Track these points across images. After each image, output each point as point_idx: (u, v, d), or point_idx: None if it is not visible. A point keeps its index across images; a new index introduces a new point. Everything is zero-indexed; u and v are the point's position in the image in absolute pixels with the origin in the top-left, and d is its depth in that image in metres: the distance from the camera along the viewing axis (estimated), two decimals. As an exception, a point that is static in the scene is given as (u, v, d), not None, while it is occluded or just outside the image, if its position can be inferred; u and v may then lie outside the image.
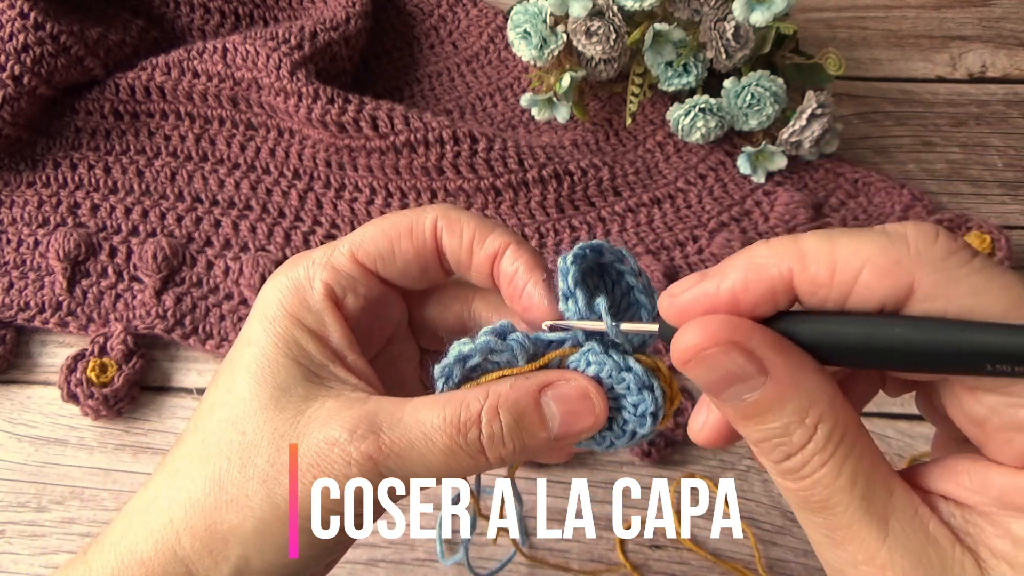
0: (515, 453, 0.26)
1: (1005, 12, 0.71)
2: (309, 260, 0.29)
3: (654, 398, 0.26)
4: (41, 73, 0.59)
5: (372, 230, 0.29)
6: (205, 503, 0.26)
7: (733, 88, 0.58)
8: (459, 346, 0.26)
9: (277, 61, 0.59)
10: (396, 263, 0.29)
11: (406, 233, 0.28)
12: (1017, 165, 0.62)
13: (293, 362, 0.27)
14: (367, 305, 0.29)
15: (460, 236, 0.28)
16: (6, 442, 0.52)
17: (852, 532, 0.21)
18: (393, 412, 0.26)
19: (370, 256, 0.29)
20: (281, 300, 0.28)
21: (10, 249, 0.58)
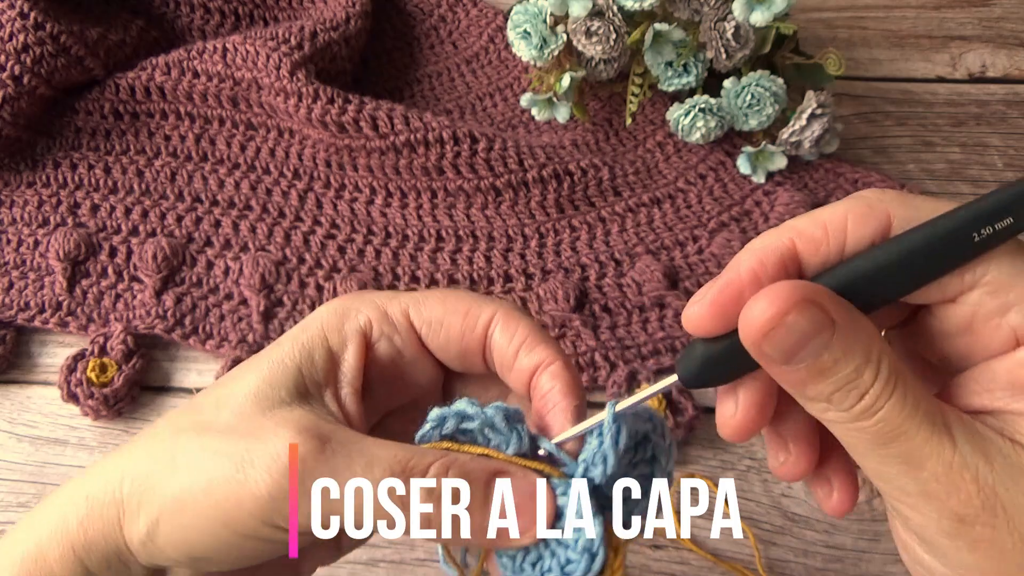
0: (441, 519, 0.25)
1: (1005, 12, 0.71)
2: (367, 296, 0.30)
3: (587, 569, 0.25)
4: (41, 73, 0.59)
5: (433, 297, 0.29)
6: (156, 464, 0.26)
7: (733, 88, 0.58)
8: (465, 403, 0.26)
9: (277, 61, 0.59)
10: (440, 336, 0.29)
11: (462, 312, 0.29)
12: (1017, 165, 0.62)
13: (296, 369, 0.27)
14: (397, 358, 0.29)
15: (511, 337, 0.28)
16: (6, 442, 0.52)
17: (928, 449, 0.23)
18: (349, 437, 0.25)
19: (420, 319, 0.29)
20: (323, 317, 0.29)
21: (10, 249, 0.58)
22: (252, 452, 0.25)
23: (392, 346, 0.29)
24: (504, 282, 0.57)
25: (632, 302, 0.55)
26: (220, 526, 0.25)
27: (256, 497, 0.24)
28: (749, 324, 0.23)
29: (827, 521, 0.48)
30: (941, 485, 0.23)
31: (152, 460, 0.27)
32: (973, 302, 0.24)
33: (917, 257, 0.24)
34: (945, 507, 0.23)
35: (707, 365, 0.25)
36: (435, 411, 0.26)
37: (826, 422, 0.25)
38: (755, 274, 0.24)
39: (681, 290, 0.55)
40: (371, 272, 0.57)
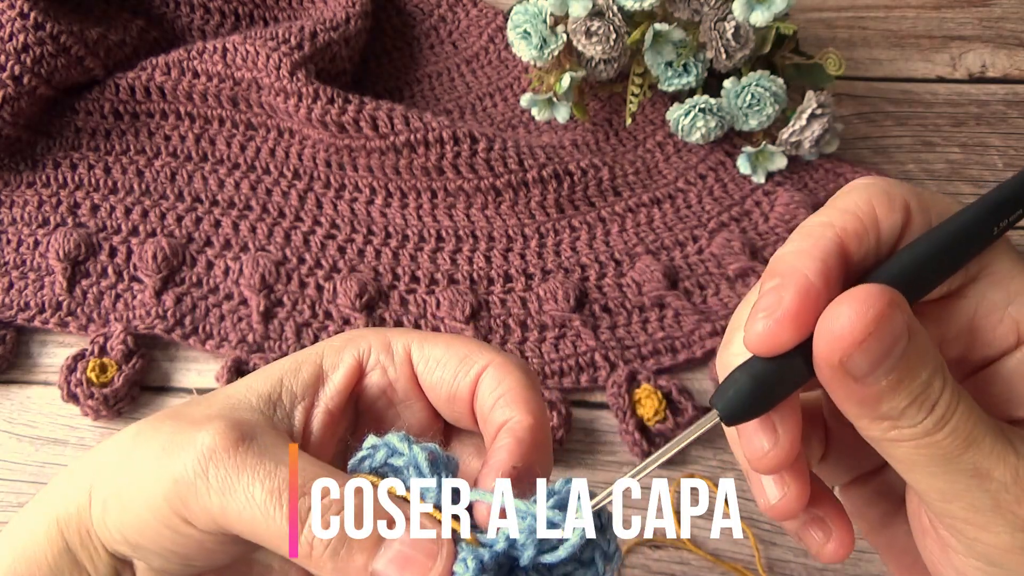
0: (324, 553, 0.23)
1: (1005, 12, 0.71)
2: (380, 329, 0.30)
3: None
4: (41, 73, 0.59)
5: (439, 338, 0.28)
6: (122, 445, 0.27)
7: (733, 88, 0.58)
8: (397, 437, 0.25)
9: (277, 61, 0.59)
10: (434, 375, 0.28)
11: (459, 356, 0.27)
12: (1017, 165, 0.62)
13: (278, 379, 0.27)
14: (389, 391, 0.28)
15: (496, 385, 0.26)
16: (6, 442, 0.52)
17: (995, 457, 0.22)
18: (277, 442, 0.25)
19: (420, 355, 0.28)
20: (330, 339, 0.29)
21: (10, 249, 0.58)
22: (179, 437, 0.24)
23: (384, 377, 0.28)
24: (504, 282, 0.57)
25: (632, 302, 0.55)
26: (144, 509, 0.25)
27: (168, 479, 0.24)
28: (838, 335, 0.21)
29: (827, 521, 0.48)
30: (1011, 494, 0.22)
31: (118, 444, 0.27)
32: (978, 294, 0.24)
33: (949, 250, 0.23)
34: (1018, 517, 0.22)
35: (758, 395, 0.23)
36: (369, 439, 0.25)
37: (888, 444, 0.23)
38: (827, 278, 0.22)
39: (681, 290, 0.55)
40: (371, 272, 0.57)
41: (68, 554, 0.26)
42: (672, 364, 0.52)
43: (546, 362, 0.52)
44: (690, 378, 0.53)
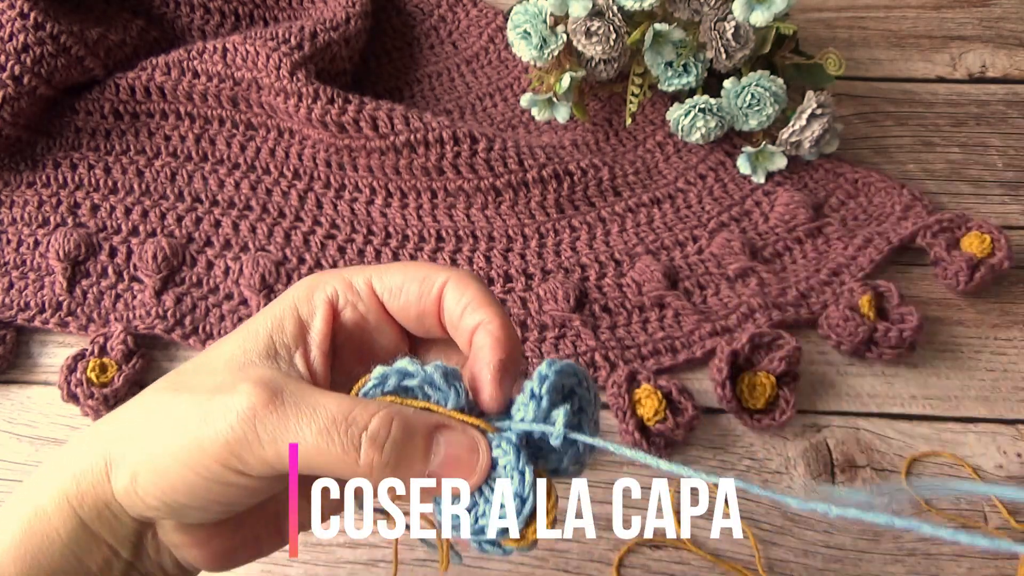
0: (385, 467, 0.26)
1: (1005, 12, 0.71)
2: (335, 271, 0.32)
3: (519, 511, 0.27)
4: (41, 73, 0.59)
5: (394, 267, 0.31)
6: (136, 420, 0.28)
7: (733, 88, 0.58)
8: (407, 362, 0.27)
9: (277, 61, 0.59)
10: (400, 301, 0.31)
11: (419, 279, 0.30)
12: (1017, 165, 0.62)
13: (268, 336, 0.29)
14: (362, 323, 0.31)
15: (459, 299, 0.30)
16: (6, 442, 0.52)
17: None
18: (302, 389, 0.27)
19: (382, 286, 0.31)
20: (294, 291, 0.31)
21: (10, 249, 0.58)
22: (214, 403, 0.26)
23: (356, 312, 0.31)
24: (504, 282, 0.57)
25: (632, 302, 0.55)
26: (189, 471, 0.26)
27: (216, 443, 0.26)
28: None
29: (827, 521, 0.48)
30: None
31: (132, 418, 0.29)
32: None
33: None
34: None
35: None
36: (378, 369, 0.27)
37: None
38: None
39: (681, 290, 0.55)
40: (371, 272, 0.57)
41: (83, 528, 0.28)
42: (672, 364, 0.52)
43: (546, 362, 0.52)
44: (690, 378, 0.53)
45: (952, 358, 0.53)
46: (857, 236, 0.57)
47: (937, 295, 0.56)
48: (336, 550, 0.47)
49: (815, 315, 0.54)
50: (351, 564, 0.47)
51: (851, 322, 0.51)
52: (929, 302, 0.55)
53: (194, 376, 0.29)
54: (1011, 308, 0.55)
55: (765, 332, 0.51)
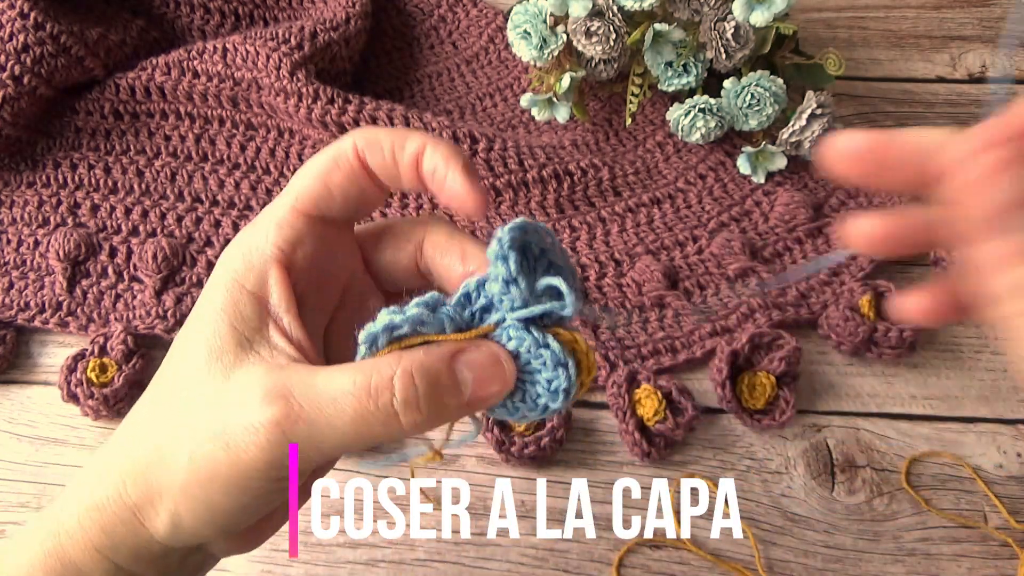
0: (429, 419, 0.26)
1: (1005, 12, 0.71)
2: (255, 225, 0.29)
3: (567, 375, 0.27)
4: (41, 73, 0.59)
5: (303, 175, 0.29)
6: (144, 461, 0.27)
7: (733, 88, 0.58)
8: (388, 314, 0.26)
9: (277, 61, 0.59)
10: (334, 198, 0.29)
11: (333, 167, 0.29)
12: (1017, 165, 0.62)
13: (230, 327, 0.28)
14: (318, 254, 0.29)
15: (381, 151, 0.28)
16: (6, 442, 0.52)
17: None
18: (306, 378, 0.26)
19: (310, 201, 0.29)
20: (228, 266, 0.29)
21: (10, 249, 0.58)
22: (231, 429, 0.26)
23: (306, 247, 0.29)
24: (504, 282, 0.56)
25: (632, 302, 0.55)
26: (234, 498, 0.26)
27: (255, 467, 0.26)
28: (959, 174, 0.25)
29: (827, 521, 0.48)
30: None
31: (141, 457, 0.28)
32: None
33: None
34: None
35: None
36: (363, 334, 0.27)
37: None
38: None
39: (681, 290, 0.55)
40: (371, 272, 0.57)
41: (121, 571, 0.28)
42: (672, 364, 0.52)
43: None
44: (690, 378, 0.53)
45: (952, 358, 0.53)
46: (857, 236, 0.57)
47: (937, 295, 0.56)
48: (336, 550, 0.47)
49: (815, 315, 0.54)
50: (351, 564, 0.47)
51: (851, 322, 0.52)
52: (929, 302, 0.55)
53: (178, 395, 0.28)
54: (1011, 308, 0.55)
55: (765, 332, 0.51)
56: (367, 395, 0.25)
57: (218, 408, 0.26)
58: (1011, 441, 0.50)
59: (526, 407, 0.28)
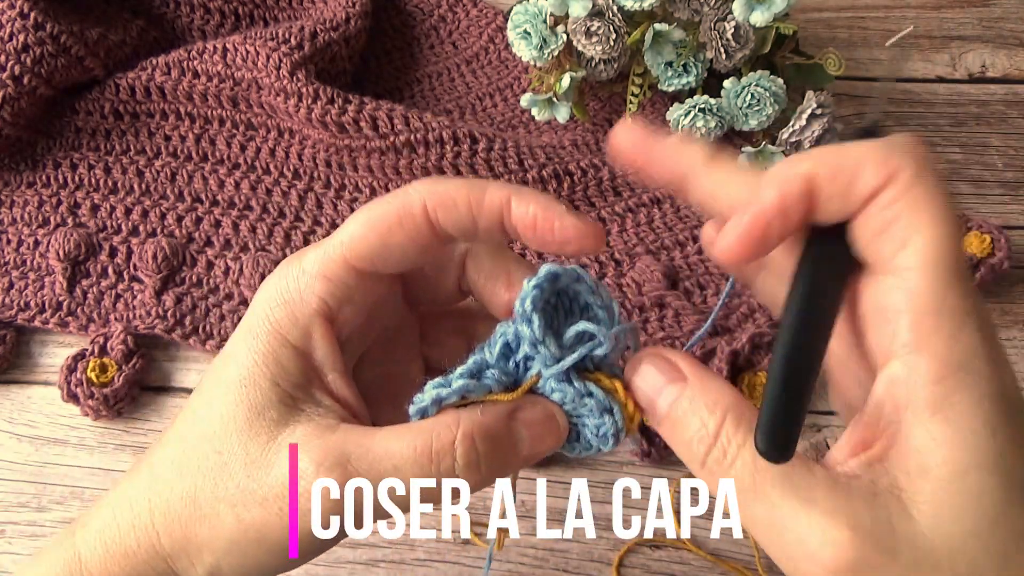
0: (488, 477, 0.26)
1: (1005, 12, 0.71)
2: (300, 270, 0.28)
3: (613, 421, 0.27)
4: (41, 73, 0.59)
5: (361, 228, 0.27)
6: (182, 514, 0.26)
7: (733, 88, 0.58)
8: (435, 388, 0.26)
9: (277, 61, 0.59)
10: (393, 257, 0.27)
11: (396, 224, 0.27)
12: (1017, 165, 0.62)
13: (271, 383, 0.26)
14: (364, 307, 0.29)
15: (456, 208, 0.27)
16: (6, 442, 0.52)
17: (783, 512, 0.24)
18: (361, 442, 0.25)
19: (364, 258, 0.27)
20: (268, 314, 0.27)
21: (10, 249, 0.58)
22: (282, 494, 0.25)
23: (355, 305, 0.28)
24: (504, 282, 0.56)
25: (632, 302, 0.55)
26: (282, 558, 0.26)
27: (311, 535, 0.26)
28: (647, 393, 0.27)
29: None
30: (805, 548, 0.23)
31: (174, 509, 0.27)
32: (885, 287, 0.24)
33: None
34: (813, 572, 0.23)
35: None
36: (412, 408, 0.27)
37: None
38: (782, 209, 0.24)
39: (681, 290, 0.55)
40: (371, 272, 0.57)
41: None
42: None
43: (546, 362, 0.52)
44: (690, 378, 0.52)
45: (952, 358, 0.53)
46: (857, 236, 0.57)
47: (937, 295, 0.56)
48: (336, 550, 0.47)
49: (815, 315, 0.53)
50: (351, 564, 0.47)
51: (851, 322, 0.51)
52: (929, 302, 0.55)
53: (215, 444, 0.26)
54: (1011, 308, 0.55)
55: (765, 332, 0.51)
56: (428, 460, 0.25)
57: (265, 471, 0.26)
58: (1011, 441, 0.50)
59: (581, 446, 0.28)
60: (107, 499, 0.28)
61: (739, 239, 0.25)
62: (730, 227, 0.25)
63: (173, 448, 0.28)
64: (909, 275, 0.23)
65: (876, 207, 0.24)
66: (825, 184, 0.24)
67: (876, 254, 0.24)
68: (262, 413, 0.26)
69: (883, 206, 0.23)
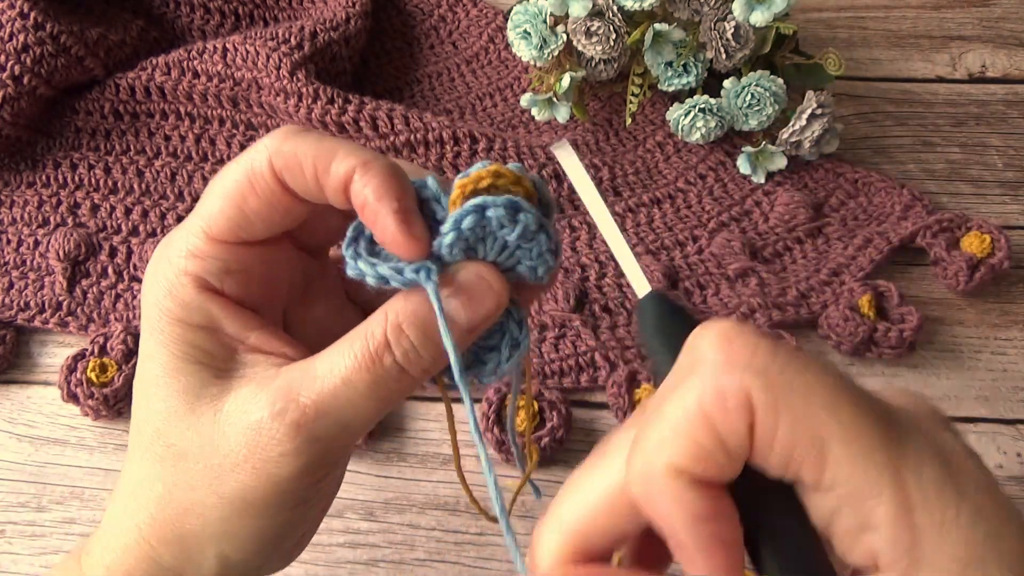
0: (435, 360, 0.25)
1: (1005, 12, 0.71)
2: (168, 258, 0.27)
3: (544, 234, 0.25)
4: (41, 73, 0.59)
5: (217, 201, 0.26)
6: (166, 516, 0.26)
7: (733, 88, 0.58)
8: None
9: (277, 61, 0.59)
10: (254, 225, 0.26)
11: (248, 191, 0.25)
12: (1017, 165, 0.62)
13: (196, 365, 0.26)
14: (249, 275, 0.27)
15: (302, 172, 0.25)
16: (6, 442, 0.52)
17: None
18: (304, 372, 0.25)
19: (226, 231, 0.26)
20: (160, 306, 0.26)
21: (10, 249, 0.58)
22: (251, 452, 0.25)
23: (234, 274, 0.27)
24: (504, 282, 0.56)
25: (632, 302, 0.55)
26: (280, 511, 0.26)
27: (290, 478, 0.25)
28: None
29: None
30: None
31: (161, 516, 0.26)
32: (832, 507, 0.19)
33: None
34: None
35: None
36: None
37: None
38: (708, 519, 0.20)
39: (681, 290, 0.55)
40: (371, 272, 0.57)
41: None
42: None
43: (546, 362, 0.52)
44: (690, 378, 0.52)
45: (952, 358, 0.53)
46: (857, 236, 0.57)
47: (937, 295, 0.56)
48: (336, 550, 0.47)
49: (815, 315, 0.53)
50: (351, 564, 0.47)
51: (851, 322, 0.51)
52: (929, 302, 0.55)
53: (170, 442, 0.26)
54: (1011, 308, 0.55)
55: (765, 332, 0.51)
56: (372, 363, 0.24)
57: (224, 439, 0.25)
58: (1011, 441, 0.50)
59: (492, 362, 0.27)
60: (102, 524, 0.28)
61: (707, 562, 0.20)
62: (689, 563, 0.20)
63: (135, 459, 0.27)
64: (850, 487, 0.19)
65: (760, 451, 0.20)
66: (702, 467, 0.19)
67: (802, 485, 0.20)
68: (199, 395, 0.26)
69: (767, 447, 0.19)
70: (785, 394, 0.19)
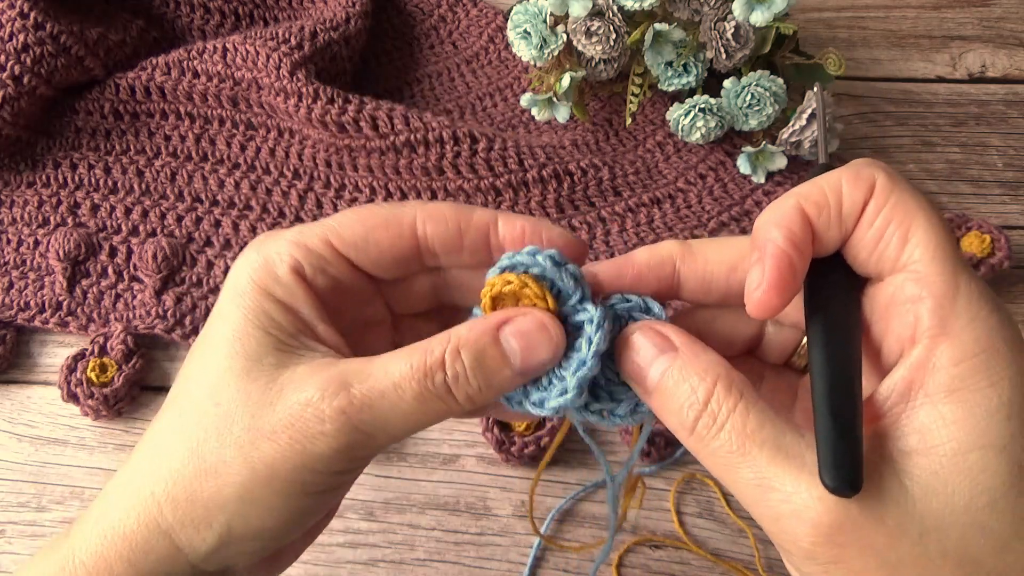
0: (481, 391, 0.26)
1: (1005, 12, 0.71)
2: (280, 237, 0.29)
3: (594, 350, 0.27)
4: (41, 73, 0.59)
5: (349, 217, 0.29)
6: (185, 473, 0.26)
7: (733, 88, 0.58)
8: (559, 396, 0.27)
9: (277, 61, 0.59)
10: (370, 253, 0.29)
11: (382, 224, 0.29)
12: (1017, 165, 0.62)
13: (264, 332, 0.27)
14: (336, 287, 0.29)
15: (445, 222, 0.29)
16: (6, 442, 0.52)
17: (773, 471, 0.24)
18: (362, 368, 0.26)
19: (344, 243, 0.29)
20: (251, 274, 0.28)
21: (10, 249, 0.58)
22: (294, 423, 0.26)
23: (328, 276, 0.29)
24: (504, 282, 0.56)
25: (632, 302, 0.55)
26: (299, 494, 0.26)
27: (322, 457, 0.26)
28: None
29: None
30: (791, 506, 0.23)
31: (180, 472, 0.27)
32: (896, 283, 0.25)
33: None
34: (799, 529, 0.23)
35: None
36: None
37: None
38: (793, 242, 0.25)
39: (681, 290, 0.55)
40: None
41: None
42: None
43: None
44: (690, 378, 0.53)
45: (952, 358, 0.53)
46: (857, 236, 0.57)
47: (937, 295, 0.56)
48: (336, 550, 0.47)
49: (815, 315, 0.53)
50: (351, 564, 0.47)
51: (851, 322, 0.51)
52: (929, 302, 0.55)
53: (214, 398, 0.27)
54: (1011, 308, 0.55)
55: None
56: (424, 375, 0.26)
57: (270, 408, 0.26)
58: (1011, 441, 0.50)
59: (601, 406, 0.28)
60: (106, 488, 0.29)
61: (771, 285, 0.25)
62: (754, 280, 0.26)
63: (170, 414, 0.28)
64: (918, 266, 0.25)
65: (866, 220, 0.26)
66: (816, 212, 0.26)
67: (880, 261, 0.26)
68: (260, 360, 0.27)
69: (872, 217, 0.25)
70: (899, 190, 0.25)
